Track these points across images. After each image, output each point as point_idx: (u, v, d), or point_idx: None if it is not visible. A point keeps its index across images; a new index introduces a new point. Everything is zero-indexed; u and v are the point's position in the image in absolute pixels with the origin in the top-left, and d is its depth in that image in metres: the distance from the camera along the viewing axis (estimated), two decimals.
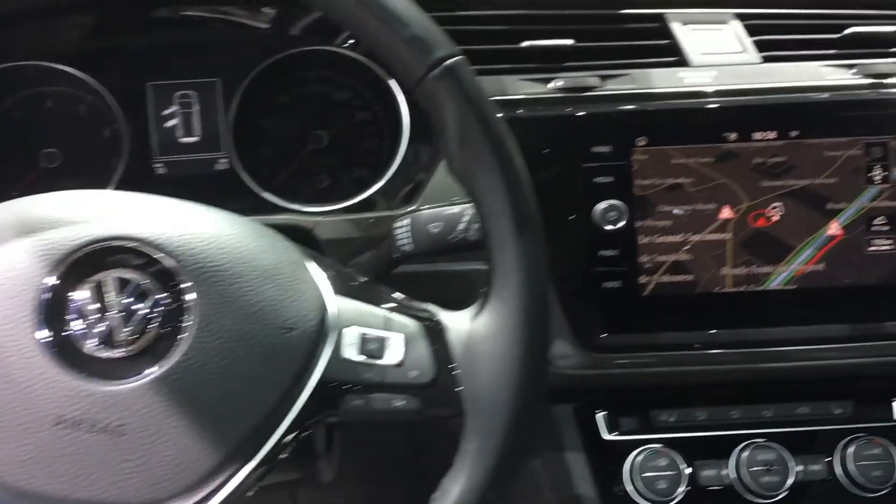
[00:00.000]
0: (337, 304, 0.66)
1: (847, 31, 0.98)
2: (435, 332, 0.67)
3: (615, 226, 0.93)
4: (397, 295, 0.71)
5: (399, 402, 0.64)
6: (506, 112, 0.94)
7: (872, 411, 1.03)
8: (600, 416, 1.03)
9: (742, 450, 1.00)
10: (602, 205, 0.94)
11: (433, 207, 0.82)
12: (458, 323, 0.67)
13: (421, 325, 0.67)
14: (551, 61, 0.98)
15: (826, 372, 0.98)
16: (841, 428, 1.02)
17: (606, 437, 1.03)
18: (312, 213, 0.97)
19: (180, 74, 1.06)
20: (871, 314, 0.96)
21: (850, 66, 0.98)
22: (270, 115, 1.09)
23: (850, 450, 1.00)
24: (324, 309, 0.65)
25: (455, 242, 0.79)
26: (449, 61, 0.66)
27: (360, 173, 1.09)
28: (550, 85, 0.97)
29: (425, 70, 0.66)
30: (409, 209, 0.85)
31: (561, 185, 0.95)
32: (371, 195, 1.01)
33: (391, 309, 0.68)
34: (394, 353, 0.65)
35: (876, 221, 0.95)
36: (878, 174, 0.95)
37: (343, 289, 0.68)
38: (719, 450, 1.02)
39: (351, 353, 0.65)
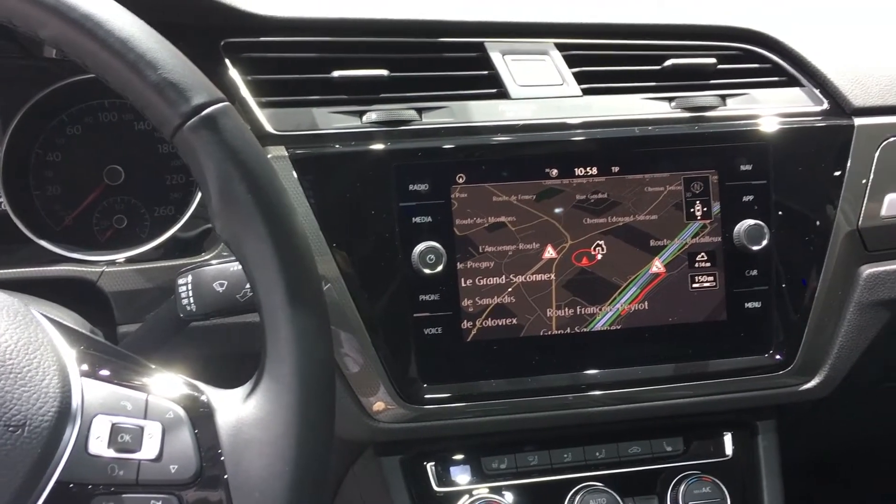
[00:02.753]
0: (83, 389, 0.57)
1: (667, 63, 0.96)
2: (200, 416, 0.58)
3: (434, 269, 0.87)
4: (162, 371, 0.62)
5: (157, 503, 0.55)
6: (317, 147, 0.89)
7: (703, 447, 1.02)
8: (429, 467, 0.98)
9: (575, 494, 0.97)
10: (420, 246, 0.88)
11: (223, 261, 0.74)
12: (228, 404, 0.59)
13: (184, 409, 0.58)
14: (365, 93, 0.92)
15: (653, 412, 0.95)
16: (672, 466, 1.01)
17: (436, 488, 0.97)
18: (97, 263, 0.86)
19: None
20: (695, 353, 0.94)
21: (670, 100, 0.96)
22: (57, 149, 0.97)
23: (681, 488, 0.98)
24: (66, 397, 0.56)
25: (244, 303, 0.71)
26: (208, 109, 0.58)
27: (165, 212, 0.99)
28: (364, 118, 0.90)
29: (180, 119, 0.58)
30: (194, 262, 0.75)
31: (377, 225, 0.88)
32: (176, 238, 0.91)
33: (151, 391, 0.59)
34: (151, 445, 0.56)
35: (698, 258, 0.94)
36: (698, 210, 0.94)
37: (93, 368, 0.58)
38: (553, 495, 0.98)
39: (99, 447, 0.55)
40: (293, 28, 0.92)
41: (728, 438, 1.03)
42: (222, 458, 0.57)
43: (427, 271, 0.87)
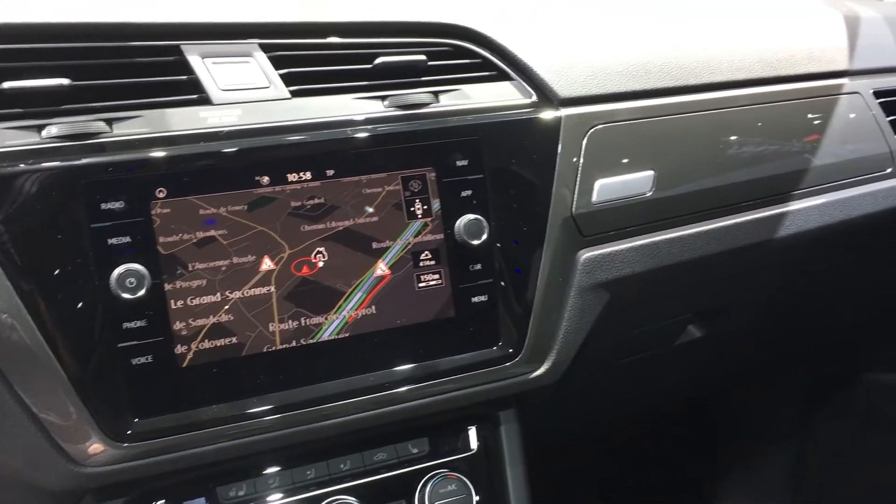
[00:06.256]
0: None
1: (377, 62, 0.94)
2: None
3: (136, 293, 0.80)
4: None
5: None
6: None
7: (449, 445, 1.02)
8: None
9: None
10: (119, 270, 0.80)
11: None
12: None
13: None
14: (44, 105, 0.82)
15: (392, 417, 0.93)
16: (419, 468, 0.99)
17: None
18: None
19: None
20: (427, 352, 0.93)
21: (383, 98, 0.94)
22: None
23: (427, 489, 0.98)
24: None
25: None
26: None
27: None
28: (44, 133, 0.81)
29: None
30: None
31: (66, 251, 0.79)
32: None
33: None
34: None
35: (422, 257, 0.93)
36: (419, 208, 0.93)
37: None
38: None
39: None
40: None
41: (472, 433, 1.03)
42: None
43: (128, 296, 0.80)
